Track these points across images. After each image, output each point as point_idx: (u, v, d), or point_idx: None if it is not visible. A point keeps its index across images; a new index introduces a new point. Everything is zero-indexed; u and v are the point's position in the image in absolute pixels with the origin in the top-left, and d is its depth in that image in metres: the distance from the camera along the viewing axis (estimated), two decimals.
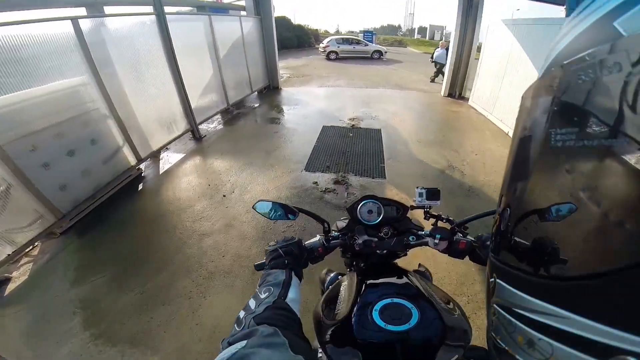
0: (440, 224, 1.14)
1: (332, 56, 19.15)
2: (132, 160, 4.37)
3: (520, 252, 0.34)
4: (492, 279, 0.37)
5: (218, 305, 2.53)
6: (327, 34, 37.81)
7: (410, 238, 1.11)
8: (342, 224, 1.23)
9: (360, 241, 1.10)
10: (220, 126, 6.77)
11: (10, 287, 2.78)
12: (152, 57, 4.73)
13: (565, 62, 0.28)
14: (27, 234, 2.98)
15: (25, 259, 3.08)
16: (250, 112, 7.77)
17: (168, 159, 5.17)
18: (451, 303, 0.91)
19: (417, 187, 1.17)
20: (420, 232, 1.14)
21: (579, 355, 0.23)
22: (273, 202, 1.11)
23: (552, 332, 0.26)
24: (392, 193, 4.06)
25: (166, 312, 2.47)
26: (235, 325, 0.68)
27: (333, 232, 1.19)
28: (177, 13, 6.13)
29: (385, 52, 20.98)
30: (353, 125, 6.55)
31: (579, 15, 0.29)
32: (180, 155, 5.29)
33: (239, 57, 7.97)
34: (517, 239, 0.34)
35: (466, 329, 0.84)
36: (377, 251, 1.10)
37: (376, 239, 1.10)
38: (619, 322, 0.20)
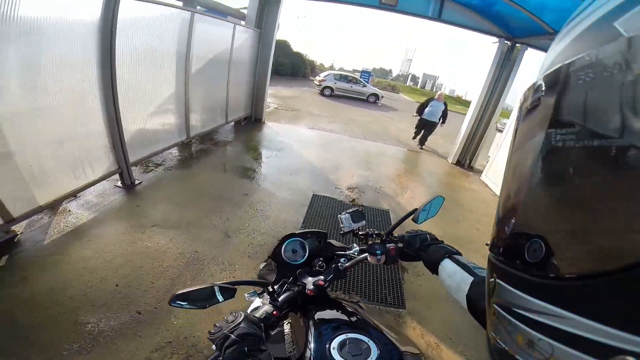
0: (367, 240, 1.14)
1: (327, 92, 17.72)
2: None
3: (520, 252, 0.31)
4: (492, 279, 0.35)
5: None
6: (322, 67, 37.18)
7: (342, 260, 1.11)
8: (269, 277, 1.17)
9: (310, 286, 1.03)
10: (169, 169, 4.72)
11: None
12: (72, 53, 2.90)
13: (565, 62, 0.27)
14: None
15: None
16: (217, 152, 5.80)
17: (69, 217, 3.18)
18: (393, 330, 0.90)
19: (340, 214, 1.20)
20: (349, 252, 1.15)
21: (579, 355, 0.22)
22: (200, 289, 0.92)
23: (552, 332, 0.25)
24: (416, 334, 2.54)
25: None
26: None
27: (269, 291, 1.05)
28: None
29: (382, 97, 19.91)
30: (354, 200, 4.75)
31: (579, 16, 0.29)
32: (90, 214, 3.30)
33: (219, 75, 6.13)
34: (517, 239, 0.33)
35: (419, 352, 0.85)
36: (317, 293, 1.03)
37: (322, 277, 1.05)
38: (619, 322, 0.20)
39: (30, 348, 1.93)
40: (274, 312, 0.93)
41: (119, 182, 3.96)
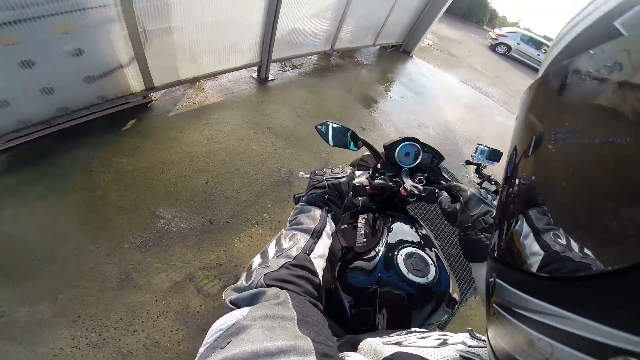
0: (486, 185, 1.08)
1: (501, 49, 13.85)
2: (137, 86, 2.57)
3: (521, 252, 0.30)
4: (492, 279, 0.34)
5: None
6: (504, 21, 29.93)
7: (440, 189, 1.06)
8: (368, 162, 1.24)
9: (408, 186, 1.02)
10: (302, 74, 4.29)
11: None
12: None
13: (565, 62, 0.27)
14: None
15: None
16: (352, 71, 5.07)
17: (200, 94, 3.13)
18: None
19: (480, 144, 1.16)
20: (452, 183, 1.04)
21: (578, 355, 0.21)
22: (341, 126, 1.09)
23: (552, 332, 0.24)
24: None
25: None
26: (245, 277, 0.55)
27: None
28: None
29: None
30: None
31: (579, 15, 0.29)
32: (219, 96, 3.19)
33: None
34: (517, 239, 0.31)
35: (458, 301, 0.88)
36: (409, 199, 1.03)
37: (420, 187, 1.03)
38: (619, 322, 0.19)
39: (103, 228, 1.94)
40: (367, 187, 0.97)
41: (255, 74, 3.76)
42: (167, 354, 1.62)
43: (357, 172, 1.02)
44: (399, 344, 0.45)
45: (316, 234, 0.67)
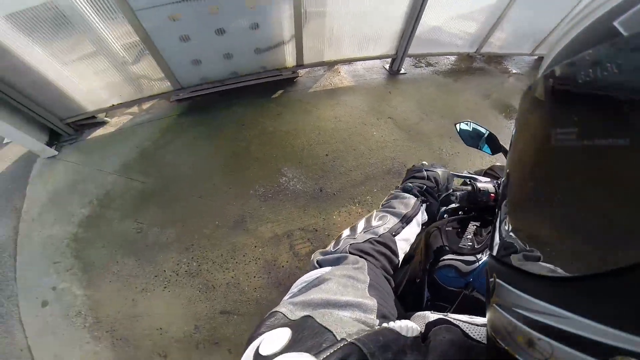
0: None
1: None
2: (291, 61, 2.98)
3: (521, 252, 0.29)
4: (492, 279, 0.33)
5: None
6: None
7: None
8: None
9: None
10: (437, 72, 4.10)
11: (99, 132, 2.57)
12: None
13: (565, 62, 0.26)
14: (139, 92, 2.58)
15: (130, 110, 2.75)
16: (496, 77, 4.53)
17: (336, 77, 3.38)
18: None
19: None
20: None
21: (578, 355, 0.21)
22: (482, 127, 1.06)
23: (552, 332, 0.23)
24: None
25: None
26: (333, 243, 0.61)
27: None
28: None
29: None
30: None
31: (578, 15, 0.28)
32: (351, 81, 3.38)
33: None
34: (517, 239, 0.31)
35: None
36: None
37: None
38: (619, 322, 0.19)
39: (238, 173, 2.29)
40: (492, 194, 0.90)
41: (387, 65, 3.77)
42: (241, 296, 1.81)
43: (484, 179, 0.98)
44: (446, 316, 0.46)
45: (406, 220, 0.67)
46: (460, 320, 0.43)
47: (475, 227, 0.98)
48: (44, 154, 2.39)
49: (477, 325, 0.42)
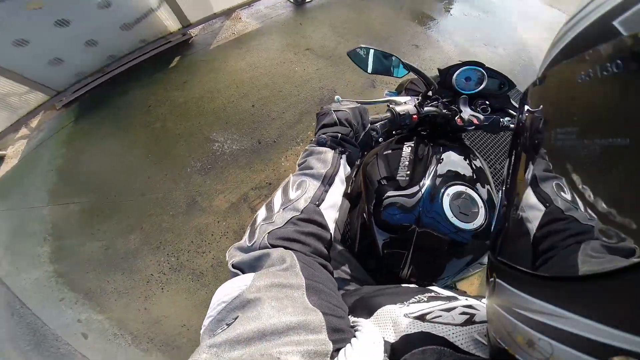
0: None
1: None
2: (173, 25, 2.60)
3: (521, 252, 0.30)
4: (492, 279, 0.33)
5: None
6: None
7: (506, 120, 0.87)
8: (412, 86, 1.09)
9: (465, 115, 0.86)
10: None
11: (3, 169, 2.26)
12: None
13: (564, 62, 0.27)
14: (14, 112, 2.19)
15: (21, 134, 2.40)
16: None
17: (238, 24, 3.02)
18: None
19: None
20: None
21: (578, 355, 0.21)
22: (376, 50, 0.92)
23: (552, 332, 0.23)
24: None
25: None
26: (248, 234, 0.49)
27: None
28: None
29: None
30: None
31: (578, 14, 0.28)
32: (257, 24, 3.06)
33: None
34: (518, 238, 0.31)
35: None
36: (467, 127, 0.87)
37: (480, 116, 0.87)
38: (619, 322, 0.18)
39: (167, 157, 2.09)
40: (414, 116, 0.83)
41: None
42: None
43: (404, 98, 0.90)
44: (422, 318, 0.40)
45: (327, 180, 0.58)
46: (440, 323, 0.38)
47: (410, 147, 0.89)
48: None
49: (459, 325, 0.38)
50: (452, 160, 0.84)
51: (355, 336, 0.35)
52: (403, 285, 0.60)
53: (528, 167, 0.30)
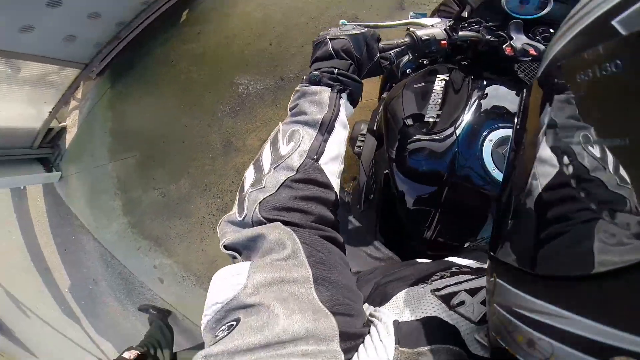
0: None
1: None
2: None
3: (521, 252, 0.29)
4: (492, 279, 0.32)
5: None
6: None
7: None
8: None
9: (518, 44, 0.65)
10: None
11: (68, 138, 2.56)
12: None
13: (563, 62, 0.27)
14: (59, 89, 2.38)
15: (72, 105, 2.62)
16: None
17: None
18: None
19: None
20: None
21: (579, 355, 0.21)
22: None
23: (552, 332, 0.23)
24: None
25: None
26: (237, 205, 0.42)
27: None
28: None
29: None
30: None
31: (577, 14, 0.27)
32: None
33: None
34: (517, 238, 0.31)
35: None
36: (521, 57, 0.67)
37: (541, 46, 0.65)
38: (619, 322, 0.19)
39: (197, 105, 2.19)
40: (443, 42, 0.65)
41: None
42: None
43: (431, 20, 0.71)
44: (447, 300, 0.36)
45: (325, 128, 0.47)
46: (460, 316, 0.35)
47: (444, 81, 0.73)
48: (54, 179, 2.56)
49: (474, 322, 0.35)
50: (500, 95, 0.69)
51: (369, 332, 0.32)
52: (418, 260, 0.54)
53: (528, 167, 0.28)
